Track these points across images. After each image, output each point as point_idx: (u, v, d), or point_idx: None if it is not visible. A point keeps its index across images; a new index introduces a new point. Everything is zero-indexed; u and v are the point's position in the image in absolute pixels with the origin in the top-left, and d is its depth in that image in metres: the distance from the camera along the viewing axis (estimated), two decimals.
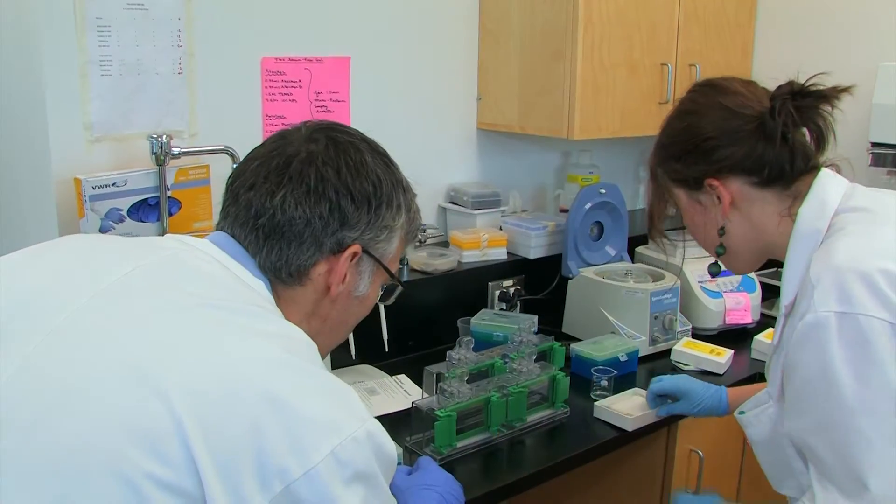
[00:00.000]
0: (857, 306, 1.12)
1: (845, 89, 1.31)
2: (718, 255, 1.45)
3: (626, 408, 1.92)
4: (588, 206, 2.53)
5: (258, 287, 1.09)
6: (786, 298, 1.30)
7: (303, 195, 1.09)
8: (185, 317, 0.95)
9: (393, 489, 1.33)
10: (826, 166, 1.36)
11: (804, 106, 1.31)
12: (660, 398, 1.91)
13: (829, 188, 1.31)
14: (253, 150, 1.18)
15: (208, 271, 1.05)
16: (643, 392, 1.96)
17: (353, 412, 0.95)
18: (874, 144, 2.55)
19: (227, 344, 0.93)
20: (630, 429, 1.88)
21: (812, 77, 1.32)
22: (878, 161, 2.55)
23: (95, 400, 0.87)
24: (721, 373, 2.19)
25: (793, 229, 1.32)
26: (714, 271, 1.53)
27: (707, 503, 1.56)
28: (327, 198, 1.10)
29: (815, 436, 1.19)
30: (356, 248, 1.13)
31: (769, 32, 2.94)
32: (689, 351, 2.27)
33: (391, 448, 0.99)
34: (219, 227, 1.16)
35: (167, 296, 0.98)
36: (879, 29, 2.71)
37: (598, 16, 2.36)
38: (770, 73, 1.46)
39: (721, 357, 2.21)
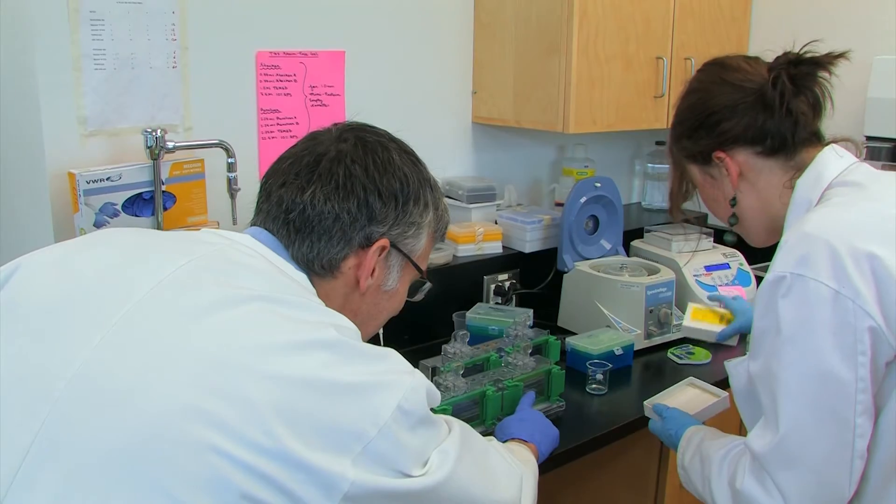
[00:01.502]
0: (811, 270, 1.18)
1: (841, 55, 1.37)
2: (732, 224, 1.52)
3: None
4: (583, 199, 2.53)
5: (301, 279, 1.14)
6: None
7: (332, 191, 1.14)
8: (243, 309, 0.97)
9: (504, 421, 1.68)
10: (837, 143, 1.41)
11: (800, 73, 1.37)
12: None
13: (829, 163, 1.36)
14: (286, 151, 1.23)
15: (254, 265, 1.09)
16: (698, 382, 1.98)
17: (404, 368, 1.03)
18: (869, 138, 2.56)
19: (286, 331, 0.96)
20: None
21: (806, 45, 1.39)
22: (873, 154, 2.56)
23: (164, 394, 0.89)
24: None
25: (790, 199, 1.38)
26: (729, 240, 1.59)
27: (670, 420, 1.66)
28: (355, 194, 1.15)
29: (759, 379, 1.28)
30: (384, 242, 1.18)
31: (764, 26, 2.94)
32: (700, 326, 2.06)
33: (436, 390, 1.07)
34: (252, 224, 1.21)
35: (222, 290, 1.00)
36: (874, 22, 2.71)
37: (593, 9, 2.36)
38: None
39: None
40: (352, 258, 1.17)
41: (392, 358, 1.04)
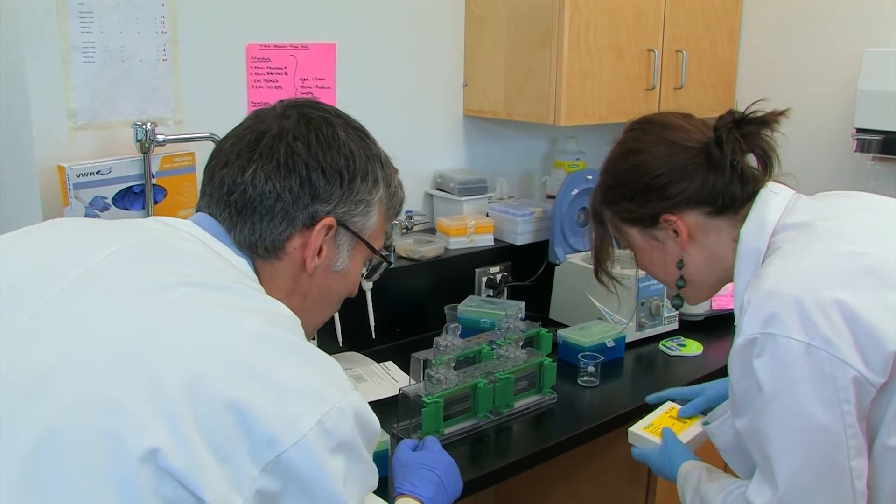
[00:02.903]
0: (779, 327, 1.16)
1: (781, 113, 1.35)
2: (679, 287, 1.47)
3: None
4: (575, 192, 2.53)
5: (241, 265, 1.11)
6: (736, 319, 1.32)
7: (273, 170, 1.11)
8: (170, 295, 0.95)
9: (395, 463, 1.41)
10: (772, 180, 1.39)
11: (748, 133, 1.35)
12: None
13: (769, 205, 1.35)
14: (231, 130, 1.20)
15: (192, 251, 1.06)
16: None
17: (337, 384, 0.96)
18: (859, 130, 2.57)
19: (211, 320, 0.94)
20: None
21: (750, 105, 1.37)
22: (862, 147, 2.57)
23: (79, 381, 0.87)
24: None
25: (736, 250, 1.36)
26: (678, 304, 1.54)
27: (668, 446, 1.59)
28: (297, 172, 1.11)
29: (748, 437, 1.26)
30: (329, 220, 1.13)
31: (756, 18, 2.94)
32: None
33: (373, 420, 1.01)
34: (198, 208, 1.17)
35: (151, 275, 0.98)
36: (865, 15, 2.71)
37: (584, 1, 2.35)
38: (756, 58, 1.47)
39: None
40: (296, 238, 1.13)
41: (329, 367, 0.99)
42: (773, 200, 1.35)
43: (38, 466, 0.84)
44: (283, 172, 1.11)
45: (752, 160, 1.39)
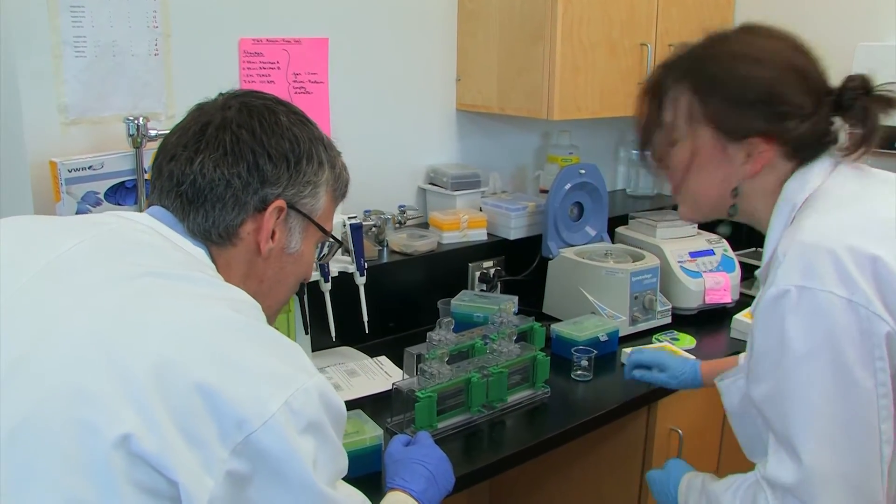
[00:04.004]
0: (817, 281, 1.14)
1: None
2: (731, 215, 1.38)
3: None
4: (568, 186, 2.53)
5: (198, 254, 1.13)
6: (762, 270, 1.31)
7: (220, 157, 1.13)
8: (132, 286, 0.97)
9: (387, 458, 1.43)
10: None
11: (871, 106, 1.27)
12: (638, 369, 1.91)
13: (816, 167, 1.30)
14: (174, 126, 1.22)
15: (150, 242, 1.09)
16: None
17: (301, 367, 0.99)
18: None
19: (174, 308, 0.96)
20: None
21: (885, 84, 1.28)
22: None
23: (49, 372, 0.89)
24: None
25: (776, 202, 1.31)
26: (724, 232, 1.44)
27: (671, 469, 1.58)
28: (245, 158, 1.13)
29: (768, 403, 1.22)
30: (280, 203, 1.16)
31: (748, 12, 2.94)
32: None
33: (339, 402, 1.03)
34: (150, 203, 1.19)
35: (110, 268, 1.00)
36: (857, 9, 2.72)
37: None
38: None
39: None
40: (249, 223, 1.15)
41: (292, 351, 1.01)
42: (819, 161, 1.30)
43: (11, 457, 0.86)
44: (230, 160, 1.13)
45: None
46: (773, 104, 1.27)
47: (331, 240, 1.32)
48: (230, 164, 1.13)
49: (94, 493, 0.85)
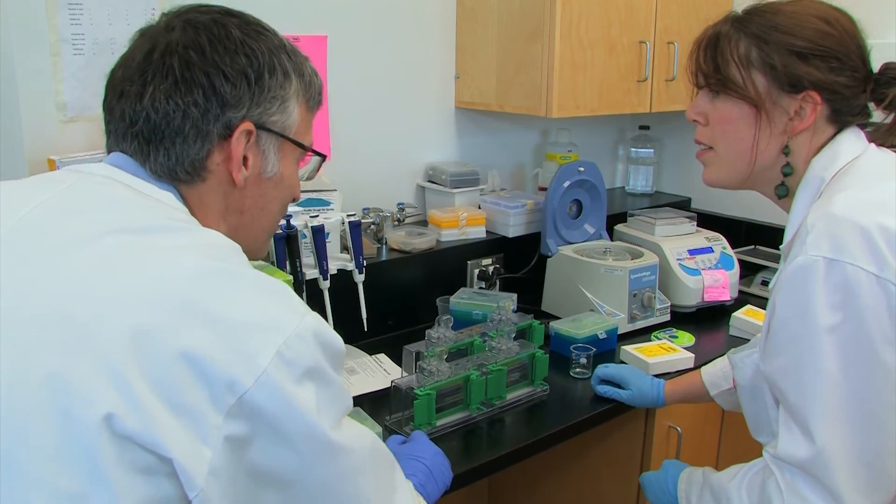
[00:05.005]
0: (847, 255, 1.13)
1: None
2: (786, 174, 1.34)
3: None
4: (566, 184, 2.53)
5: (167, 199, 1.04)
6: (785, 245, 1.30)
7: (171, 87, 1.02)
8: (95, 248, 0.89)
9: None
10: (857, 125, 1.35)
11: None
12: (603, 383, 1.95)
13: (845, 143, 1.30)
14: (118, 59, 1.10)
15: (111, 195, 1.00)
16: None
17: (291, 308, 0.91)
18: None
19: (144, 266, 0.88)
20: None
21: None
22: None
23: (15, 359, 0.82)
24: None
25: (803, 175, 1.31)
26: (783, 192, 1.37)
27: (668, 468, 1.58)
28: (198, 83, 1.03)
29: (784, 376, 1.20)
30: (246, 125, 1.05)
31: None
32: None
33: (335, 338, 0.95)
34: (108, 149, 1.10)
35: (72, 231, 0.92)
36: (861, 6, 2.71)
37: None
38: None
39: None
40: (216, 153, 1.05)
41: (278, 292, 0.92)
42: (851, 140, 1.30)
43: None
44: (182, 87, 1.02)
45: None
46: (834, 59, 1.28)
47: (312, 153, 1.20)
48: (183, 93, 1.02)
49: (83, 482, 0.79)
